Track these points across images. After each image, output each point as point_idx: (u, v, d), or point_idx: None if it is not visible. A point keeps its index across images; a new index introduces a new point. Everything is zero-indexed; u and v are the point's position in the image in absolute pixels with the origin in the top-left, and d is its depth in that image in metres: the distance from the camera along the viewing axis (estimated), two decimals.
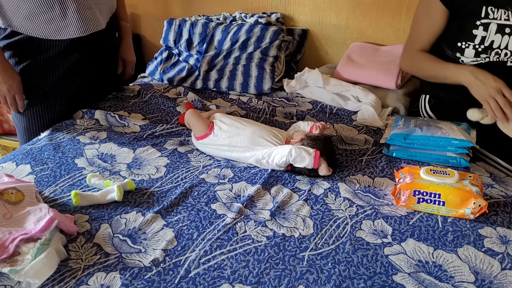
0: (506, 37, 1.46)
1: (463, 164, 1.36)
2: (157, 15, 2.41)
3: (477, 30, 1.48)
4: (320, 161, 1.28)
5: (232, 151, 1.41)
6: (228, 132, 1.42)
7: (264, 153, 1.35)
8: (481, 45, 1.48)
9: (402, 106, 1.78)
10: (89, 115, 1.67)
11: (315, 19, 2.14)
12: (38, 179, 1.31)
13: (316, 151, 1.27)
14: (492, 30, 1.47)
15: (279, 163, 1.31)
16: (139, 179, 1.32)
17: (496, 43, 1.47)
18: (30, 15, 1.47)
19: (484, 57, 1.50)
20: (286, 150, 1.30)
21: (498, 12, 1.46)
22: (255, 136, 1.39)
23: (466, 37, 1.50)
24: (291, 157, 1.28)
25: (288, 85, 1.95)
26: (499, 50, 1.48)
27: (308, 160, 1.26)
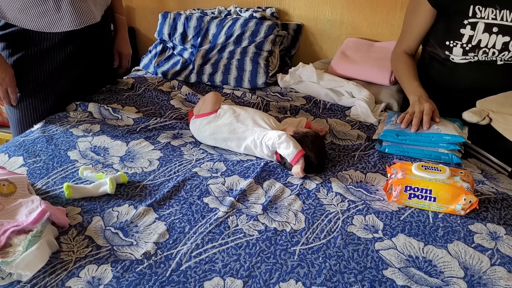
0: (493, 36, 1.48)
1: (454, 160, 1.37)
2: (151, 8, 2.40)
3: (464, 29, 1.49)
4: (300, 161, 1.28)
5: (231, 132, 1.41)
6: (233, 111, 1.46)
7: (260, 133, 1.37)
8: (469, 44, 1.50)
9: (396, 102, 1.79)
10: (82, 108, 1.67)
11: (310, 14, 2.14)
12: (31, 171, 1.30)
13: (300, 151, 1.28)
14: (479, 29, 1.48)
15: (267, 143, 1.33)
16: (132, 172, 1.32)
17: (483, 42, 1.49)
18: (24, 7, 1.46)
19: (472, 56, 1.51)
20: (278, 133, 1.32)
21: (486, 11, 1.47)
22: (257, 116, 1.43)
23: (453, 36, 1.51)
24: (278, 140, 1.30)
25: (282, 80, 1.95)
26: (486, 49, 1.49)
27: (291, 151, 1.28)
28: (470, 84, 1.57)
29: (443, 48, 1.56)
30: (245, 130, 1.40)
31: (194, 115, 1.51)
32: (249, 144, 1.39)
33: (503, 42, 1.48)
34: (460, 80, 1.58)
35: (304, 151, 1.29)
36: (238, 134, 1.40)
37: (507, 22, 1.47)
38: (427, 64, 1.69)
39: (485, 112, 1.45)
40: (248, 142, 1.38)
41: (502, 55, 1.50)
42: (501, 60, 1.52)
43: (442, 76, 1.63)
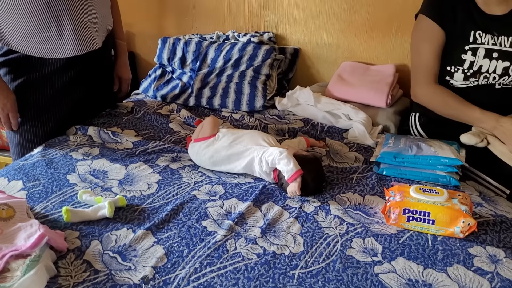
0: (494, 61, 1.50)
1: (452, 182, 1.38)
2: (151, 33, 2.44)
3: (465, 54, 1.51)
4: (297, 179, 1.28)
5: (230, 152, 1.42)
6: (232, 132, 1.48)
7: (260, 149, 1.38)
8: (470, 69, 1.52)
9: (393, 125, 1.80)
10: (82, 131, 1.68)
11: (306, 38, 2.17)
12: (30, 195, 1.30)
13: (299, 170, 1.29)
14: (480, 55, 1.50)
15: (267, 159, 1.34)
16: (131, 195, 1.32)
17: (484, 68, 1.51)
18: (27, 34, 1.49)
19: (473, 81, 1.53)
20: (279, 149, 1.34)
21: (486, 37, 1.50)
22: (256, 136, 1.44)
23: (455, 61, 1.53)
24: (279, 156, 1.31)
25: (280, 103, 1.97)
26: (487, 74, 1.51)
27: (290, 169, 1.28)
28: None
29: (443, 73, 1.57)
30: (245, 150, 1.41)
31: (192, 140, 1.52)
32: (249, 161, 1.39)
33: (504, 67, 1.50)
34: None
35: (303, 171, 1.29)
36: (237, 153, 1.41)
37: (506, 48, 1.50)
38: None
39: (483, 134, 1.47)
40: (248, 159, 1.39)
41: (502, 80, 1.53)
42: (499, 84, 1.54)
43: None
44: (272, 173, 1.37)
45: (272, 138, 1.47)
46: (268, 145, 1.41)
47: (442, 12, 1.53)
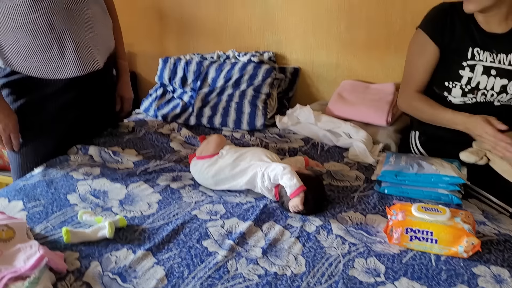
0: (492, 78, 1.51)
1: (454, 201, 1.37)
2: (152, 53, 2.46)
3: (463, 70, 1.52)
4: (300, 194, 1.28)
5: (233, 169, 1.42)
6: (235, 150, 1.48)
7: (263, 165, 1.38)
8: (468, 85, 1.52)
9: (393, 143, 1.80)
10: (83, 151, 1.68)
11: (306, 58, 2.19)
12: (30, 215, 1.30)
13: (302, 186, 1.29)
14: (478, 72, 1.51)
15: (270, 174, 1.33)
16: (131, 215, 1.31)
17: (482, 84, 1.51)
18: (30, 55, 1.50)
19: (471, 97, 1.54)
20: (283, 164, 1.34)
21: (484, 54, 1.51)
22: (259, 152, 1.45)
23: (453, 77, 1.54)
24: (282, 171, 1.31)
25: (281, 122, 1.97)
26: (485, 90, 1.52)
27: (293, 184, 1.28)
28: None
29: (441, 89, 1.58)
30: (248, 166, 1.41)
31: (195, 156, 1.52)
32: (251, 177, 1.39)
33: (502, 84, 1.51)
34: None
35: (306, 188, 1.29)
36: (241, 169, 1.41)
37: (504, 66, 1.51)
38: None
39: (482, 152, 1.47)
40: (251, 174, 1.39)
41: (500, 97, 1.53)
42: (498, 101, 1.55)
43: None
44: (274, 189, 1.36)
45: (275, 154, 1.47)
46: (271, 161, 1.41)
47: (439, 29, 1.55)
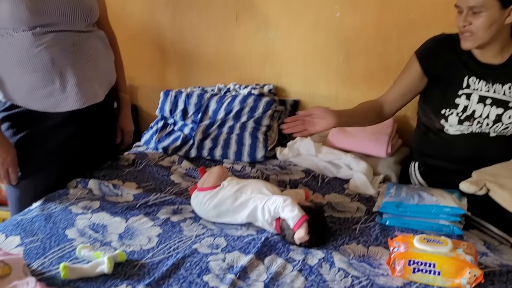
0: (487, 107, 1.53)
1: (456, 232, 1.36)
2: (154, 87, 2.49)
3: (459, 98, 1.55)
4: (303, 225, 1.27)
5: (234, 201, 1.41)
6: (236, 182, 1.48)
7: (264, 198, 1.37)
8: (464, 113, 1.54)
9: (393, 174, 1.80)
10: (82, 185, 1.68)
11: (306, 90, 2.22)
12: (27, 251, 1.28)
13: (305, 215, 1.28)
14: (474, 100, 1.53)
15: (270, 207, 1.33)
16: (130, 250, 1.30)
17: (477, 113, 1.53)
18: (31, 89, 1.52)
19: (467, 126, 1.55)
20: (283, 196, 1.33)
21: (480, 83, 1.53)
22: (260, 185, 1.44)
23: (449, 104, 1.56)
24: (283, 202, 1.30)
25: (281, 153, 1.98)
26: (480, 119, 1.54)
27: (295, 215, 1.27)
28: (465, 155, 1.59)
29: (438, 117, 1.60)
30: (249, 198, 1.40)
31: (197, 188, 1.52)
32: (252, 210, 1.38)
33: (497, 114, 1.53)
34: (455, 152, 1.61)
35: (308, 217, 1.28)
36: (241, 202, 1.40)
37: (500, 96, 1.53)
38: (423, 136, 1.72)
39: (482, 182, 1.46)
40: (252, 208, 1.38)
41: (495, 127, 1.54)
42: (494, 131, 1.56)
43: (437, 148, 1.66)
44: (274, 222, 1.35)
45: (276, 187, 1.47)
46: (271, 193, 1.40)
47: (430, 57, 1.60)
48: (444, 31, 1.60)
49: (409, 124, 2.06)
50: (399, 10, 1.92)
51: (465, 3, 1.44)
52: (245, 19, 2.19)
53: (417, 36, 1.85)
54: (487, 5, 1.41)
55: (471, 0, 1.42)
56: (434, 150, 1.67)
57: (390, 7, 1.93)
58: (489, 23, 1.43)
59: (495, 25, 1.44)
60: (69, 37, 1.54)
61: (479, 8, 1.41)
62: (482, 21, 1.43)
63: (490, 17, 1.42)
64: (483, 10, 1.41)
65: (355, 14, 2.00)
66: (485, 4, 1.40)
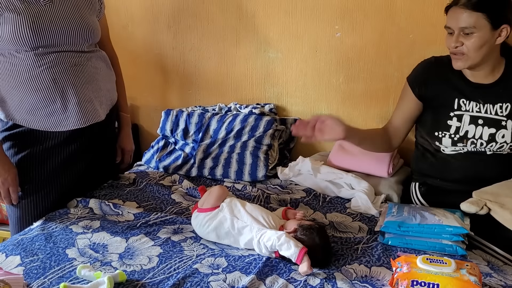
0: (479, 127, 1.54)
1: (459, 252, 1.35)
2: (155, 106, 2.50)
3: (451, 120, 1.56)
4: (304, 259, 1.25)
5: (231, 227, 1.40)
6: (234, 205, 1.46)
7: (258, 232, 1.35)
8: (457, 134, 1.55)
9: (395, 194, 1.80)
10: (83, 204, 1.67)
11: (306, 109, 2.23)
12: (27, 270, 1.27)
13: (303, 248, 1.26)
14: (465, 121, 1.54)
15: (266, 244, 1.31)
16: (131, 269, 1.29)
17: (470, 133, 1.54)
18: (32, 109, 1.53)
19: (461, 146, 1.56)
20: (277, 234, 1.30)
21: (470, 104, 1.55)
22: (256, 213, 1.42)
23: (442, 127, 1.58)
24: (278, 242, 1.28)
25: (282, 173, 1.97)
26: (474, 139, 1.54)
27: (293, 251, 1.26)
28: (463, 174, 1.59)
29: (433, 139, 1.61)
30: (245, 226, 1.39)
31: (197, 208, 1.51)
32: (249, 240, 1.37)
33: (490, 133, 1.53)
34: (453, 171, 1.61)
35: (306, 248, 1.27)
36: (238, 228, 1.40)
37: (491, 115, 1.54)
38: (421, 157, 1.72)
39: (482, 202, 1.46)
40: (248, 238, 1.37)
41: (490, 146, 1.55)
42: (490, 150, 1.56)
43: (435, 168, 1.66)
44: (274, 253, 1.34)
45: (272, 216, 1.44)
46: (267, 225, 1.38)
47: (419, 82, 1.63)
48: (444, 50, 1.62)
49: (410, 144, 2.06)
50: (399, 30, 1.94)
51: (456, 24, 1.46)
52: (245, 40, 2.22)
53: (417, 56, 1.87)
54: (478, 26, 1.43)
55: (462, 21, 1.44)
56: (433, 170, 1.67)
57: (390, 27, 1.96)
58: (480, 43, 1.45)
59: (486, 46, 1.46)
60: (71, 58, 1.56)
61: (471, 29, 1.44)
62: (473, 41, 1.45)
63: (481, 37, 1.44)
64: (474, 31, 1.44)
65: (355, 34, 2.02)
66: (476, 25, 1.43)
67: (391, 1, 1.93)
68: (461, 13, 1.44)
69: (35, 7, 1.49)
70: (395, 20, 1.94)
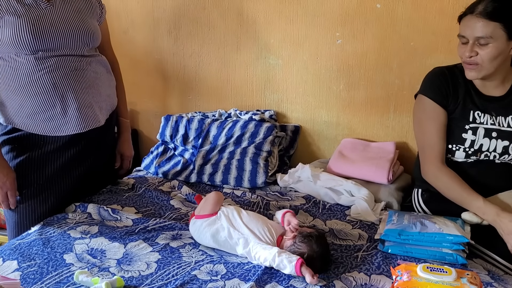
0: (493, 140, 1.52)
1: (459, 261, 1.34)
2: (155, 111, 2.50)
3: (466, 134, 1.54)
4: (303, 270, 1.24)
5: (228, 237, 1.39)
6: (231, 214, 1.44)
7: (253, 246, 1.34)
8: (471, 148, 1.54)
9: (395, 201, 1.79)
10: (81, 209, 1.66)
11: (307, 116, 2.22)
12: (24, 275, 1.26)
13: (298, 260, 1.25)
14: (480, 134, 1.53)
15: (263, 264, 1.31)
16: (129, 275, 1.27)
17: (485, 146, 1.53)
18: (32, 113, 1.52)
19: (474, 159, 1.55)
20: (270, 255, 1.29)
21: (485, 117, 1.53)
22: (252, 224, 1.40)
23: (456, 140, 1.55)
24: (274, 263, 1.27)
25: (282, 180, 1.97)
26: (488, 152, 1.53)
27: (289, 269, 1.25)
28: (469, 182, 1.57)
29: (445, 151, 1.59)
30: (240, 237, 1.38)
31: (194, 215, 1.50)
32: (246, 252, 1.36)
33: (503, 146, 1.53)
34: None
35: (302, 259, 1.26)
36: (235, 240, 1.39)
37: (504, 128, 1.53)
38: None
39: None
40: (245, 250, 1.36)
41: (502, 158, 1.54)
42: (499, 160, 1.55)
43: None
44: None
45: (268, 229, 1.40)
46: (262, 238, 1.37)
47: (443, 94, 1.56)
48: (445, 58, 1.61)
49: (410, 151, 2.07)
50: (400, 37, 1.95)
51: (472, 34, 1.42)
52: (246, 46, 2.22)
53: (418, 64, 1.88)
54: (494, 36, 1.39)
55: (478, 31, 1.40)
56: None
57: (391, 34, 1.96)
58: (496, 54, 1.42)
59: (501, 56, 1.43)
60: (71, 62, 1.56)
61: (487, 39, 1.40)
62: (488, 52, 1.41)
63: (497, 48, 1.41)
64: (490, 41, 1.40)
65: (355, 42, 2.03)
66: (492, 35, 1.39)
67: (392, 9, 1.94)
68: (477, 22, 1.40)
69: (36, 10, 1.49)
70: (396, 27, 1.95)
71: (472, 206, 1.47)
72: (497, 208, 1.41)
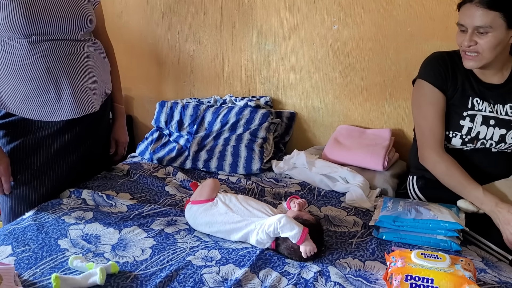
0: (491, 128, 1.52)
1: (454, 247, 1.35)
2: (149, 97, 2.49)
3: (464, 121, 1.53)
4: (306, 238, 1.25)
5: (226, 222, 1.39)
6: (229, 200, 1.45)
7: (258, 223, 1.34)
8: (468, 135, 1.53)
9: (390, 188, 1.79)
10: (76, 195, 1.65)
11: (302, 103, 2.21)
12: (19, 261, 1.26)
13: (305, 228, 1.26)
14: (478, 122, 1.52)
15: (268, 231, 1.30)
16: (123, 261, 1.27)
17: (482, 134, 1.52)
18: (26, 98, 1.51)
19: (470, 146, 1.54)
20: (277, 217, 1.30)
21: (483, 104, 1.53)
22: (252, 207, 1.41)
23: (453, 126, 1.55)
24: (280, 224, 1.27)
25: (277, 166, 1.96)
26: (484, 140, 1.53)
27: (296, 231, 1.25)
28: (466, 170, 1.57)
29: None
30: (241, 220, 1.38)
31: (190, 201, 1.50)
32: (245, 234, 1.36)
33: (500, 134, 1.52)
34: None
35: (308, 229, 1.27)
36: (234, 224, 1.38)
37: (502, 116, 1.52)
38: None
39: None
40: (245, 232, 1.36)
41: (499, 146, 1.54)
42: (495, 148, 1.55)
43: None
44: (270, 242, 1.34)
45: (268, 206, 1.43)
46: (265, 215, 1.37)
47: (442, 79, 1.55)
48: (442, 44, 1.60)
49: (405, 138, 2.06)
50: (397, 23, 1.93)
51: (471, 23, 1.40)
52: (242, 32, 2.20)
53: (414, 50, 1.86)
54: (494, 26, 1.38)
55: (477, 20, 1.39)
56: None
57: (388, 20, 1.94)
58: (495, 43, 1.40)
59: (501, 45, 1.42)
60: (65, 46, 1.53)
61: (486, 28, 1.38)
62: (488, 41, 1.40)
63: (496, 37, 1.39)
64: (489, 30, 1.39)
65: (352, 27, 2.01)
66: (492, 25, 1.38)
67: None
68: (476, 11, 1.38)
69: None
70: (393, 13, 1.93)
71: (471, 195, 1.46)
72: (496, 198, 1.41)
